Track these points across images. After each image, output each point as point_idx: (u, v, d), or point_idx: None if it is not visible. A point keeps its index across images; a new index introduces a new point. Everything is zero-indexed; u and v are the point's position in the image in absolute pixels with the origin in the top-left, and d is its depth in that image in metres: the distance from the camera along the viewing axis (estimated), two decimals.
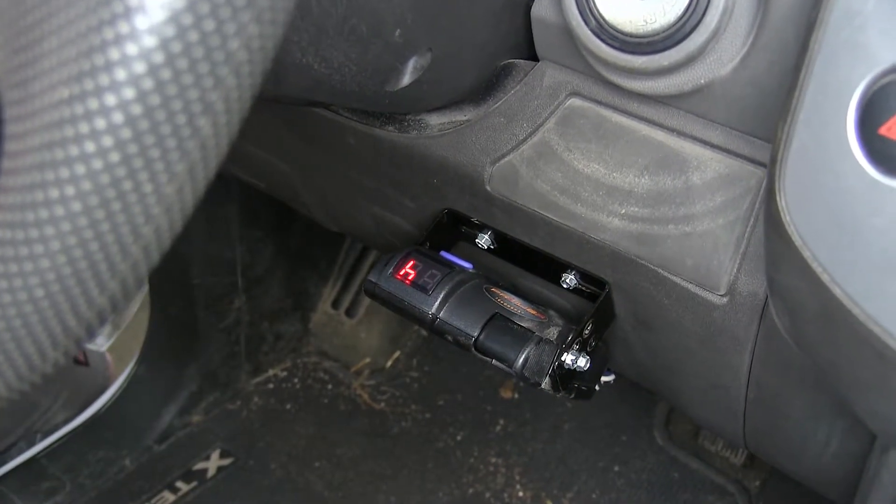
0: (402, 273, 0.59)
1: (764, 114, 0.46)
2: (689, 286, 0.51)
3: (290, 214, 1.14)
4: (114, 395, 1.10)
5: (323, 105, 0.62)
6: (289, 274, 1.21)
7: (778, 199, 0.39)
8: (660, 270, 0.52)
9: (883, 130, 0.35)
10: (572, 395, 0.59)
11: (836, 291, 0.37)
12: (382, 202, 0.70)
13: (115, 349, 1.11)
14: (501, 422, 1.13)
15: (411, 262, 0.60)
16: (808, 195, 0.38)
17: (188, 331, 1.13)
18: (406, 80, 0.51)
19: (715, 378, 0.59)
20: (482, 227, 0.62)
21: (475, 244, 0.63)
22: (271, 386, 1.20)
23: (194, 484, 1.07)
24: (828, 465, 0.60)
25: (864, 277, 0.36)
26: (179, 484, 1.07)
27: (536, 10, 0.52)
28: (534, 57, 0.55)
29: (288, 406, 1.18)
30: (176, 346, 1.13)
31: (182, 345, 1.13)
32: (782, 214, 0.38)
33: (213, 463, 1.10)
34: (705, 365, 0.58)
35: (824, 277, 0.37)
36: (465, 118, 0.57)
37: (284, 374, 1.21)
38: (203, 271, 1.09)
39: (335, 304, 1.27)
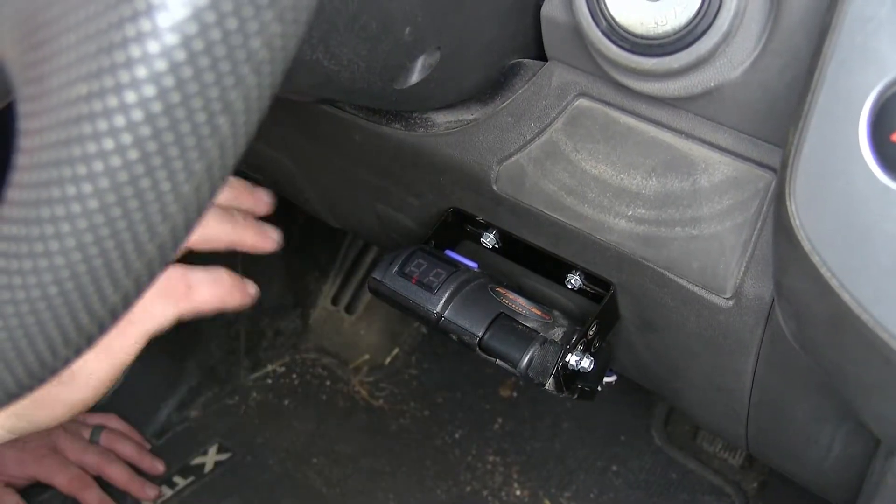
0: (407, 271, 0.59)
1: (773, 118, 0.46)
2: (695, 289, 0.51)
3: (291, 210, 1.13)
4: (112, 389, 1.09)
5: (330, 102, 0.62)
6: (289, 270, 1.21)
7: (788, 203, 0.38)
8: (665, 272, 0.52)
9: (895, 137, 0.35)
10: (575, 396, 0.59)
11: (845, 297, 0.37)
12: (387, 200, 0.70)
13: None
14: (500, 420, 1.13)
15: (416, 261, 0.59)
16: (819, 200, 0.38)
17: (188, 326, 1.12)
18: (415, 78, 0.50)
19: (719, 381, 0.59)
20: (487, 227, 0.62)
21: (480, 243, 0.63)
22: (270, 381, 1.20)
23: (191, 479, 1.07)
24: (830, 469, 0.60)
25: (873, 283, 0.36)
26: (177, 479, 1.07)
27: (546, 10, 0.52)
28: (542, 57, 0.55)
29: (286, 402, 1.17)
30: (175, 341, 1.13)
31: (181, 340, 1.13)
32: (792, 219, 0.38)
33: (210, 458, 1.10)
34: (709, 367, 0.58)
35: (833, 283, 0.37)
36: (472, 117, 0.57)
37: (283, 369, 1.21)
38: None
39: (335, 300, 1.27)
